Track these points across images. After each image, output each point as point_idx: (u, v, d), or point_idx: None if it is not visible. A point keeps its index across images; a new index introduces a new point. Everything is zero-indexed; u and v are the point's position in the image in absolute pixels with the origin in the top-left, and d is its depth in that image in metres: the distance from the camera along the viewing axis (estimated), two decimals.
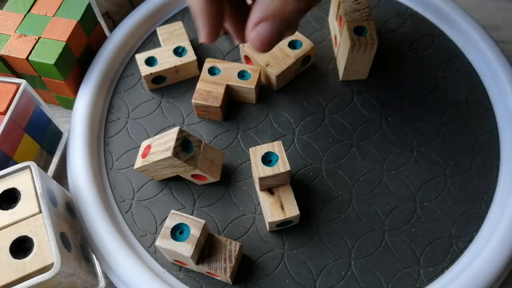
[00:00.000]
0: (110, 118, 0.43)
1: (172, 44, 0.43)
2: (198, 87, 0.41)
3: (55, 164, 0.43)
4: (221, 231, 0.37)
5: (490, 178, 0.39)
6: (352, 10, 0.41)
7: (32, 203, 0.32)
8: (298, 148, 0.40)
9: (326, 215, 0.37)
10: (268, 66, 0.41)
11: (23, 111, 0.39)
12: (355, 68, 0.42)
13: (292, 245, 0.36)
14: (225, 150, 0.41)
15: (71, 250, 0.32)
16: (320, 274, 0.35)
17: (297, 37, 0.43)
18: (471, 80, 0.44)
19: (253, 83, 0.41)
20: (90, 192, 0.38)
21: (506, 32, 0.50)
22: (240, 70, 0.41)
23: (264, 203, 0.35)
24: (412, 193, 0.38)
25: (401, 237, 0.36)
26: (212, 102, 0.40)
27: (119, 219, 0.38)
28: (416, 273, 0.35)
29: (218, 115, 0.41)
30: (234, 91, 0.41)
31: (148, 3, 0.48)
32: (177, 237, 0.32)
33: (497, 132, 0.41)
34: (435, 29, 0.47)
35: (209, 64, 0.42)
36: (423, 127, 0.41)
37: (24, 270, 0.29)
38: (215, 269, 0.33)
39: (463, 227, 0.36)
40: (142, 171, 0.37)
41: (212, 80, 0.41)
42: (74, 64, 0.43)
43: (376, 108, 0.42)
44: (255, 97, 0.42)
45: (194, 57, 0.43)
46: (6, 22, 0.42)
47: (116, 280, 0.36)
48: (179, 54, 0.43)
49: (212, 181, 0.38)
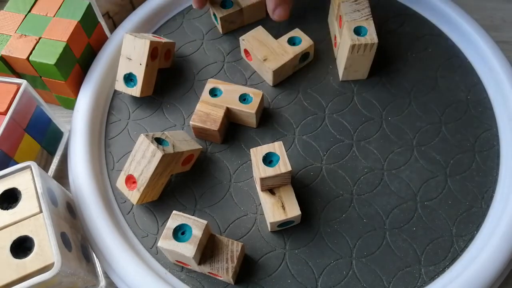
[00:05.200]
0: (111, 119, 0.43)
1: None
2: (198, 109, 0.40)
3: (55, 164, 0.43)
4: (222, 232, 0.37)
5: (491, 176, 0.39)
6: (352, 10, 0.41)
7: (32, 203, 0.32)
8: (299, 148, 0.40)
9: (327, 215, 0.37)
10: (266, 61, 0.41)
11: (24, 111, 0.39)
12: (355, 68, 0.42)
13: (294, 245, 0.36)
14: (225, 151, 0.41)
15: (72, 250, 0.32)
16: (321, 273, 0.35)
17: (297, 34, 0.43)
18: (470, 80, 0.44)
19: (254, 107, 0.39)
20: (92, 193, 0.38)
21: (506, 32, 0.50)
22: (242, 93, 0.40)
23: (265, 203, 0.35)
24: (413, 192, 0.38)
25: (402, 236, 0.36)
26: (211, 125, 0.39)
27: (120, 220, 0.38)
28: (417, 272, 0.35)
29: (216, 138, 0.40)
30: (234, 114, 0.40)
31: (148, 3, 0.48)
32: (179, 238, 0.32)
33: (497, 130, 0.41)
34: (435, 29, 0.47)
35: (211, 85, 0.41)
36: (423, 126, 0.41)
37: (24, 270, 0.29)
38: (217, 270, 0.33)
39: (464, 226, 0.37)
40: (143, 199, 0.36)
41: (212, 102, 0.40)
42: (74, 65, 0.43)
43: (376, 108, 0.42)
44: (256, 122, 0.41)
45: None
46: (7, 23, 0.42)
47: (117, 281, 0.36)
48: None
49: (198, 152, 0.39)
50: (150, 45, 0.40)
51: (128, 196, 0.36)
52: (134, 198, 0.36)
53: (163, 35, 0.48)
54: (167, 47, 0.43)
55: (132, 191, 0.36)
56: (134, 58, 0.40)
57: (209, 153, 0.41)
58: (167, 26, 0.48)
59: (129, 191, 0.36)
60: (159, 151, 0.34)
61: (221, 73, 0.45)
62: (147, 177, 0.35)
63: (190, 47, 0.47)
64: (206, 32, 0.47)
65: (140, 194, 0.36)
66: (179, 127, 0.42)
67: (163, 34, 0.48)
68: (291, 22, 0.47)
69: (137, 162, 0.35)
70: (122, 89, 0.42)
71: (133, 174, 0.36)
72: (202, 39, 0.47)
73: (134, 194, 0.36)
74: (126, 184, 0.36)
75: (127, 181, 0.36)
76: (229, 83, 0.41)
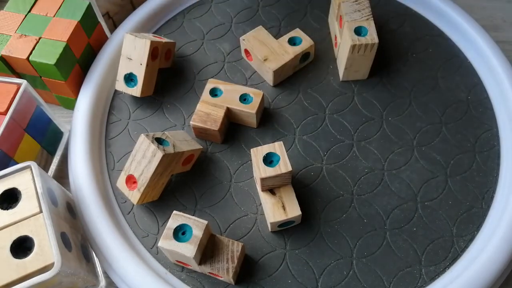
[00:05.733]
0: (111, 119, 0.43)
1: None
2: (198, 109, 0.40)
3: (55, 164, 0.43)
4: (223, 232, 0.37)
5: (491, 177, 0.39)
6: (352, 11, 0.41)
7: (32, 203, 0.32)
8: (299, 148, 0.40)
9: (327, 215, 0.37)
10: (266, 61, 0.41)
11: (24, 111, 0.38)
12: (356, 68, 0.42)
13: (294, 245, 0.36)
14: (226, 151, 0.41)
15: (72, 250, 0.32)
16: (322, 274, 0.35)
17: (297, 34, 0.43)
18: (471, 80, 0.44)
19: (254, 107, 0.39)
20: (92, 193, 0.38)
21: (506, 32, 0.50)
22: (243, 93, 0.40)
23: (266, 203, 0.35)
24: (413, 193, 0.38)
25: (402, 236, 0.36)
26: (211, 125, 0.39)
27: (121, 220, 0.38)
28: (418, 272, 0.35)
29: (217, 138, 0.40)
30: (234, 114, 0.40)
31: (148, 3, 0.48)
32: (180, 238, 0.32)
33: (497, 131, 0.41)
34: (435, 29, 0.47)
35: (211, 85, 0.41)
36: (424, 126, 0.41)
37: (24, 270, 0.29)
38: (217, 270, 0.33)
39: (464, 226, 0.37)
40: (144, 199, 0.36)
41: (212, 102, 0.40)
42: (74, 65, 0.43)
43: (376, 108, 0.42)
44: (256, 122, 0.41)
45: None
46: (7, 23, 0.42)
47: (117, 281, 0.36)
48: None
49: (198, 152, 0.39)
50: (151, 45, 0.40)
51: (129, 196, 0.36)
52: (135, 198, 0.36)
53: (164, 35, 0.47)
54: (168, 47, 0.43)
55: (133, 191, 0.36)
56: (134, 58, 0.40)
57: (210, 153, 0.41)
58: (167, 26, 0.48)
59: (129, 191, 0.36)
60: (159, 151, 0.34)
61: (221, 73, 0.45)
62: (148, 177, 0.35)
63: (191, 47, 0.47)
64: (206, 32, 0.47)
65: (140, 194, 0.36)
66: (180, 127, 0.42)
67: (163, 34, 0.48)
68: (292, 22, 0.47)
69: (137, 162, 0.35)
70: (123, 89, 0.42)
71: (133, 174, 0.36)
72: (203, 39, 0.47)
73: (135, 194, 0.36)
74: (126, 184, 0.36)
75: (128, 181, 0.36)
76: (229, 83, 0.41)
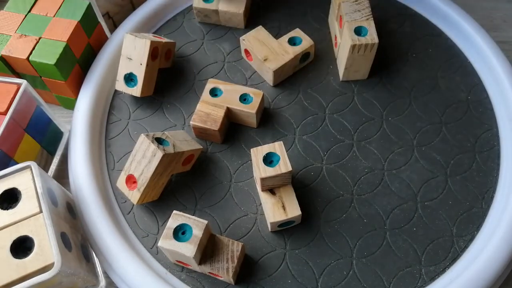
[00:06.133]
0: (111, 119, 0.43)
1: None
2: (198, 109, 0.40)
3: (55, 164, 0.43)
4: (223, 232, 0.37)
5: (491, 177, 0.39)
6: (352, 11, 0.41)
7: (32, 203, 0.32)
8: (299, 148, 0.40)
9: (327, 215, 0.37)
10: (266, 61, 0.41)
11: (24, 111, 0.38)
12: (356, 68, 0.42)
13: (294, 245, 0.36)
14: (226, 151, 0.41)
15: (72, 250, 0.32)
16: (322, 273, 0.35)
17: (297, 34, 0.43)
18: (471, 80, 0.44)
19: (254, 107, 0.39)
20: (92, 193, 0.38)
21: (506, 32, 0.50)
22: (243, 93, 0.40)
23: (266, 203, 0.35)
24: (413, 193, 0.38)
25: (402, 236, 0.36)
26: (211, 125, 0.39)
27: (121, 220, 0.38)
28: (418, 272, 0.35)
29: (217, 138, 0.40)
30: (234, 114, 0.40)
31: (148, 3, 0.48)
32: (180, 238, 0.32)
33: (497, 131, 0.41)
34: (435, 29, 0.47)
35: (211, 85, 0.41)
36: (424, 126, 0.41)
37: (24, 270, 0.29)
38: (217, 270, 0.33)
39: (464, 226, 0.37)
40: (144, 199, 0.36)
41: (212, 102, 0.40)
42: (74, 65, 0.43)
43: (376, 108, 0.42)
44: (256, 122, 0.41)
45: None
46: (7, 23, 0.42)
47: (117, 281, 0.36)
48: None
49: (198, 152, 0.39)
50: (151, 45, 0.40)
51: (129, 196, 0.36)
52: (135, 198, 0.36)
53: (164, 35, 0.47)
54: (168, 47, 0.43)
55: (133, 191, 0.36)
56: (134, 58, 0.40)
57: (210, 153, 0.41)
58: (167, 26, 0.48)
59: (129, 191, 0.36)
60: (159, 151, 0.34)
61: (221, 73, 0.45)
62: (148, 177, 0.35)
63: (191, 47, 0.47)
64: (206, 32, 0.47)
65: (140, 194, 0.36)
66: (180, 127, 0.42)
67: (163, 34, 0.48)
68: (292, 22, 0.47)
69: (137, 162, 0.35)
70: (123, 89, 0.42)
71: (133, 174, 0.36)
72: (203, 39, 0.47)
73: (135, 194, 0.36)
74: (126, 184, 0.36)
75: (128, 181, 0.36)
76: (229, 83, 0.41)
